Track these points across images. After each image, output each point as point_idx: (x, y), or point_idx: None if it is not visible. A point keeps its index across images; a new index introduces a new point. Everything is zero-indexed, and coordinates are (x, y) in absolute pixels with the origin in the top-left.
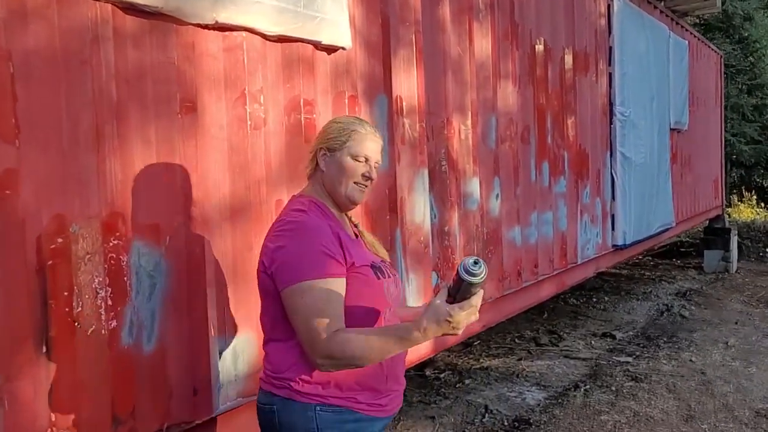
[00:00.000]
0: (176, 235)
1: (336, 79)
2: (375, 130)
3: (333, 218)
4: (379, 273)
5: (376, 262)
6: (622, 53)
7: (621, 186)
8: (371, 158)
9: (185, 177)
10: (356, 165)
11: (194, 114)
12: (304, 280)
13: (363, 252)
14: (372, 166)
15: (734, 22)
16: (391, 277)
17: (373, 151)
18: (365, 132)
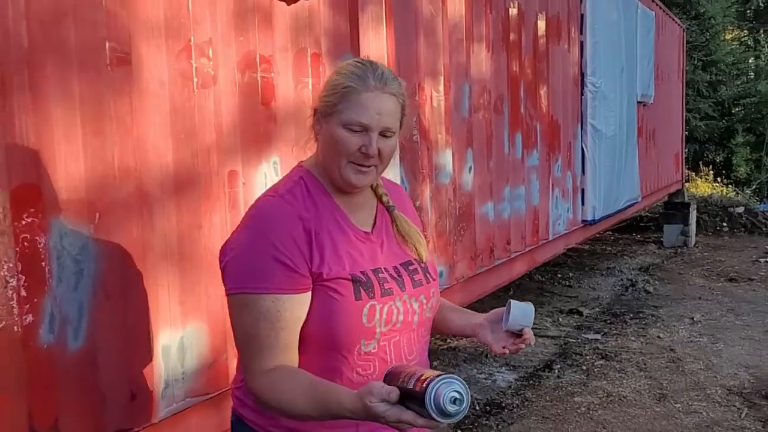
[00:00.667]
0: (108, 212)
1: (297, 35)
2: (386, 82)
3: (322, 203)
4: (365, 290)
5: (367, 273)
6: (594, 21)
7: (591, 159)
8: (372, 126)
9: (118, 142)
10: (349, 137)
11: (128, 67)
12: (244, 293)
13: (357, 255)
14: (372, 138)
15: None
16: (396, 296)
17: (374, 116)
18: (365, 87)
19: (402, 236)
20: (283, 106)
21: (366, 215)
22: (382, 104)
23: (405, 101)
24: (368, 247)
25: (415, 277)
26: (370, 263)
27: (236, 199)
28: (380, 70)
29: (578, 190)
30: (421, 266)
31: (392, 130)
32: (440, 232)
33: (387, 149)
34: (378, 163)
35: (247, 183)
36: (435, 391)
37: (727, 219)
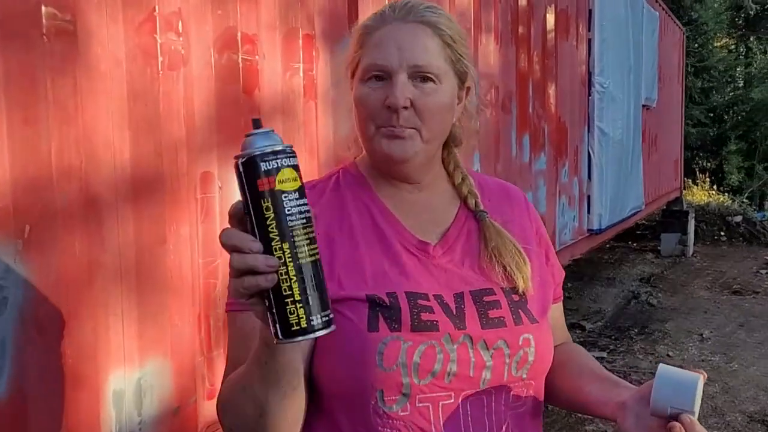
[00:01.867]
0: (42, 223)
1: (287, 11)
2: (409, 10)
3: (355, 197)
4: (386, 318)
5: (397, 296)
6: (602, 18)
7: (598, 164)
8: (392, 65)
9: (57, 132)
10: (369, 92)
11: (72, 38)
12: (227, 311)
13: (393, 271)
14: (396, 83)
15: (684, 3)
16: (445, 333)
17: (392, 52)
18: (382, 22)
19: (490, 254)
20: (269, 95)
21: (431, 219)
22: (405, 36)
23: (454, 35)
24: (420, 263)
25: (491, 313)
26: (411, 284)
27: (210, 206)
28: (409, 1)
29: (584, 197)
30: (510, 299)
31: (428, 70)
32: None
33: (427, 101)
34: (417, 123)
35: (225, 187)
36: None
37: (725, 228)
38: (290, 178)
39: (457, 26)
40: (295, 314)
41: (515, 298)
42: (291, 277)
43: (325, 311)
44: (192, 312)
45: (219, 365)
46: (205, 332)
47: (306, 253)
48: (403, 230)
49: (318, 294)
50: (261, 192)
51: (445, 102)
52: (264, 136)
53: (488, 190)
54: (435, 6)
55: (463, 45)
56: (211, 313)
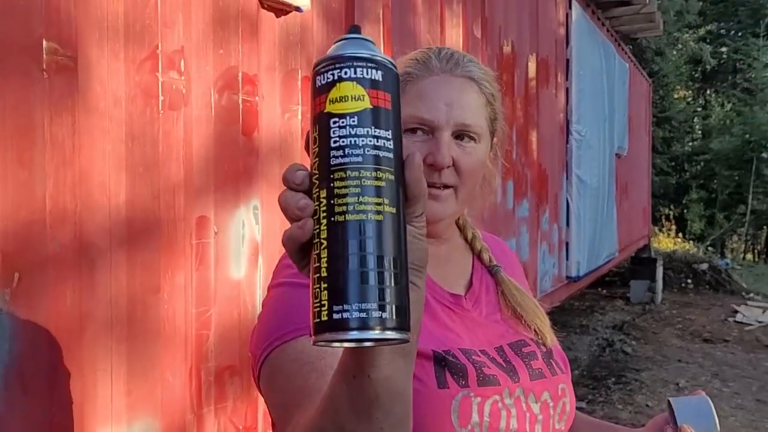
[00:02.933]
0: (33, 271)
1: (286, 52)
2: (457, 63)
3: None
4: (453, 374)
5: (453, 352)
6: (579, 67)
7: (576, 211)
8: (439, 121)
9: (53, 174)
10: (409, 146)
11: (72, 74)
12: (271, 350)
13: (437, 327)
14: (442, 141)
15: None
16: (505, 387)
17: (440, 107)
18: (428, 72)
19: (512, 308)
20: (267, 137)
21: (457, 273)
22: (453, 91)
23: (494, 93)
24: (458, 317)
25: (533, 365)
26: (456, 340)
27: (205, 253)
28: (449, 50)
29: (563, 244)
30: (542, 350)
31: (473, 130)
32: None
33: (468, 162)
34: (458, 182)
35: (221, 232)
36: None
37: (692, 275)
38: (350, 96)
39: (495, 83)
40: (318, 299)
41: (543, 348)
42: (321, 240)
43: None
44: (183, 366)
45: (209, 423)
46: (196, 388)
47: (352, 207)
48: (434, 284)
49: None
50: (312, 117)
51: (482, 161)
52: (347, 43)
53: (489, 244)
54: (474, 59)
55: (500, 102)
56: (202, 367)
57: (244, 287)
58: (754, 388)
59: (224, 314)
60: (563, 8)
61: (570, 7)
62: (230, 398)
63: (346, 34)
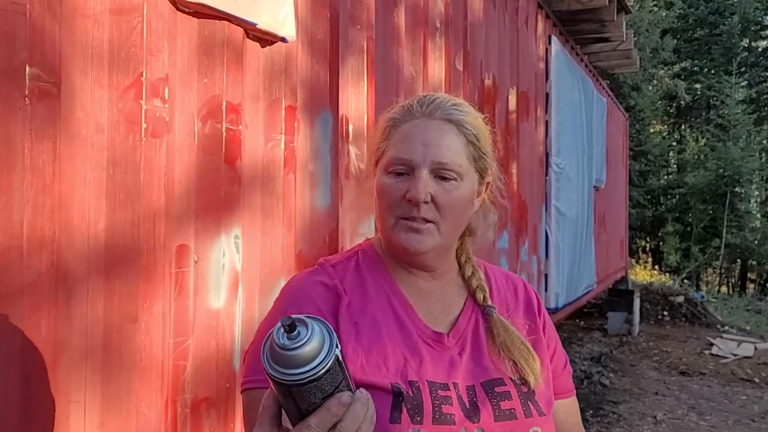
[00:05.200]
0: (8, 299)
1: (271, 81)
2: (437, 107)
3: (375, 282)
4: (409, 409)
5: (418, 386)
6: (558, 101)
7: (555, 243)
8: (416, 160)
9: (32, 200)
10: (392, 184)
11: (55, 101)
12: (246, 389)
13: (413, 360)
14: (419, 179)
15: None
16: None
17: (417, 147)
18: (410, 116)
19: (499, 348)
20: (249, 166)
21: (442, 310)
22: (430, 132)
23: (478, 134)
24: (435, 354)
25: (503, 405)
26: (430, 373)
27: (184, 282)
28: (434, 96)
29: (542, 276)
30: (520, 390)
31: (451, 168)
32: None
33: (447, 198)
34: (437, 218)
35: (200, 261)
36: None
37: (668, 308)
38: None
39: (482, 124)
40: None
41: (524, 389)
42: None
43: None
44: (159, 398)
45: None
46: (172, 420)
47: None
48: (419, 321)
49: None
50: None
51: (465, 198)
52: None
53: (495, 281)
54: (462, 103)
55: (487, 143)
56: (178, 399)
57: (223, 317)
58: (730, 421)
59: (202, 344)
60: (543, 43)
61: (549, 43)
62: (206, 431)
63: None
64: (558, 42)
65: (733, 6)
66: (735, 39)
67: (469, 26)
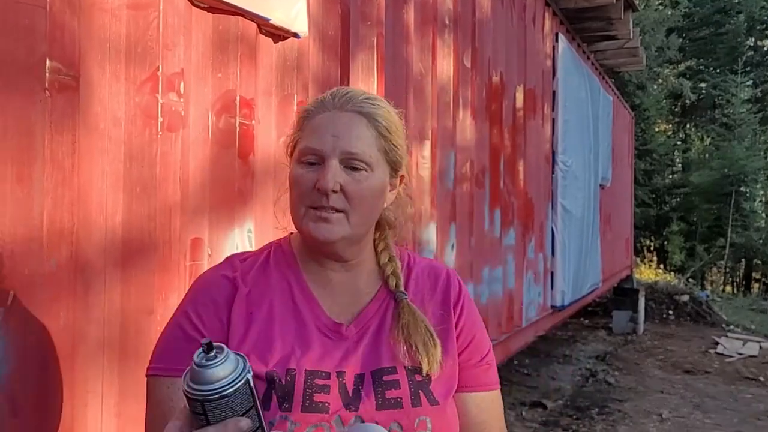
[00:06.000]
0: (28, 289)
1: (283, 77)
2: (349, 99)
3: (282, 276)
4: (280, 397)
5: (295, 374)
6: (565, 99)
7: (561, 241)
8: (326, 150)
9: (51, 192)
10: (303, 174)
11: (73, 94)
12: (148, 374)
13: (301, 349)
14: (328, 168)
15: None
16: (335, 415)
17: (327, 138)
18: (322, 108)
19: (399, 332)
20: (262, 160)
21: (351, 300)
22: (341, 124)
23: (390, 127)
24: (330, 344)
25: (388, 393)
26: (313, 363)
27: (198, 274)
28: (347, 90)
29: (548, 273)
30: (412, 379)
31: (360, 158)
32: None
33: (357, 188)
34: (347, 207)
35: (214, 254)
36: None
37: (673, 307)
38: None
39: (395, 118)
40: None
41: (418, 378)
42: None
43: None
44: None
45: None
46: None
47: None
48: (321, 312)
49: None
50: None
51: (375, 188)
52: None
53: (416, 272)
54: (375, 97)
55: (399, 136)
56: None
57: None
58: (735, 419)
59: None
60: (550, 41)
61: (557, 40)
62: None
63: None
64: (565, 39)
65: (739, 5)
66: (740, 38)
67: (478, 23)
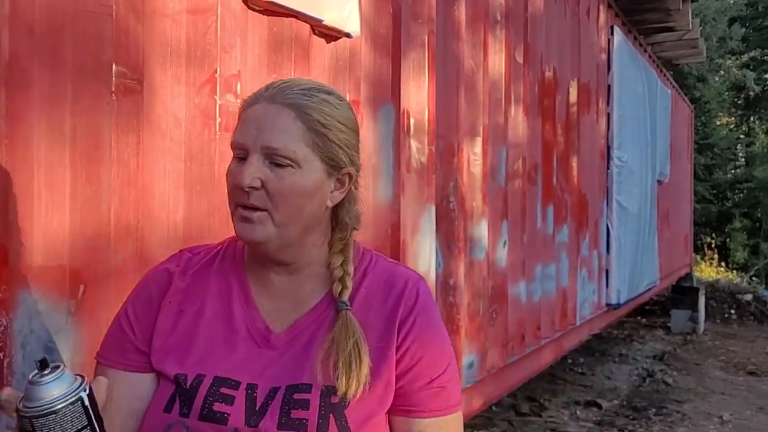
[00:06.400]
0: (96, 283)
1: (335, 76)
2: (281, 91)
3: (223, 276)
4: (182, 402)
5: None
6: (620, 93)
7: (616, 238)
8: (247, 145)
9: (118, 190)
10: (232, 170)
11: (138, 97)
12: (96, 360)
13: (220, 354)
14: (248, 163)
15: (688, 82)
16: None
17: (250, 132)
18: (254, 101)
19: (328, 348)
20: None
21: (291, 306)
22: (265, 117)
23: (326, 120)
24: (255, 352)
25: (294, 413)
26: (228, 369)
27: None
28: (286, 81)
29: (603, 271)
30: (326, 401)
31: (282, 153)
32: (473, 314)
33: (278, 185)
34: (267, 205)
35: None
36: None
37: (735, 306)
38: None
39: (337, 111)
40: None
41: (333, 400)
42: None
43: None
44: None
45: None
46: None
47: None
48: (256, 316)
49: None
50: None
51: (302, 186)
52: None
53: (370, 278)
54: (317, 88)
55: (341, 131)
56: None
57: None
58: None
59: None
60: (605, 34)
61: (612, 33)
62: None
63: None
64: (620, 32)
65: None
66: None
67: (530, 18)
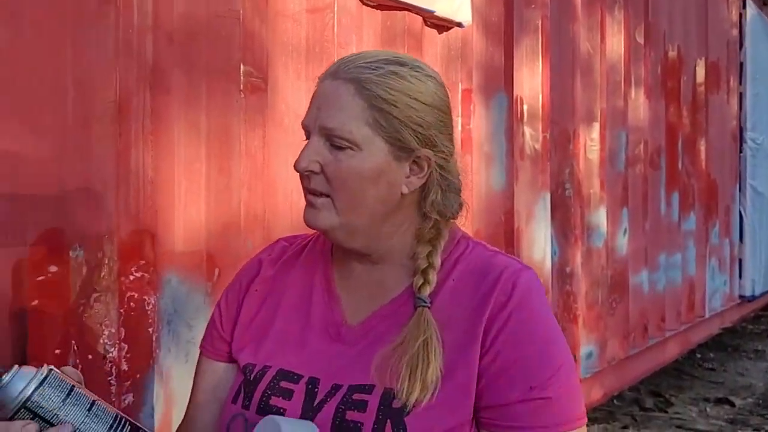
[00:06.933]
0: (230, 268)
1: (448, 66)
2: (344, 65)
3: (311, 267)
4: (246, 393)
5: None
6: (754, 70)
7: (751, 225)
8: (309, 126)
9: (247, 182)
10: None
11: (262, 94)
12: (200, 350)
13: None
14: (308, 146)
15: None
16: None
17: (312, 112)
18: (323, 77)
19: (396, 347)
20: None
21: (371, 296)
22: (326, 94)
23: (392, 97)
24: (323, 345)
25: (349, 414)
26: (295, 363)
27: None
28: (357, 54)
29: (735, 261)
30: (386, 406)
31: (338, 134)
32: (591, 303)
33: (336, 168)
34: (328, 190)
35: None
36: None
37: None
38: None
39: (405, 85)
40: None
41: (394, 404)
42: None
43: None
44: None
45: None
46: None
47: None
48: (335, 307)
49: None
50: None
51: (361, 170)
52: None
53: (459, 269)
54: (383, 60)
55: (410, 107)
56: None
57: None
58: None
59: None
60: (736, 8)
61: (744, 7)
62: None
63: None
64: (754, 5)
65: None
66: None
67: None
